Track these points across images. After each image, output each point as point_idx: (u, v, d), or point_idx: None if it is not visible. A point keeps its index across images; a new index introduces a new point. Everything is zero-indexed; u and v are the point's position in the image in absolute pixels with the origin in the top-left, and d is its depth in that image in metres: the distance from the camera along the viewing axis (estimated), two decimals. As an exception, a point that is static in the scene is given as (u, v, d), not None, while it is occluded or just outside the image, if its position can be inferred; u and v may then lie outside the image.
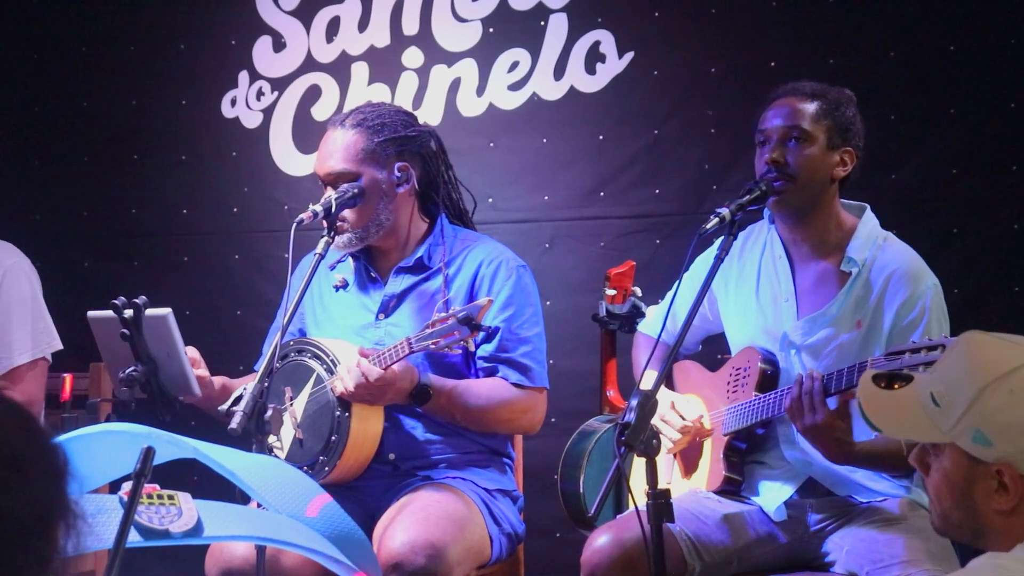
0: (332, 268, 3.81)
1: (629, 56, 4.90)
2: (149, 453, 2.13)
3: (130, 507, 2.11)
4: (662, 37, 4.88)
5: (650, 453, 2.89)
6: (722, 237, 3.24)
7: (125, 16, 5.48)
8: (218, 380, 3.62)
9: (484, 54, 5.06)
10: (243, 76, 5.33)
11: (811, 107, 3.38)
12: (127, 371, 3.26)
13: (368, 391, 3.44)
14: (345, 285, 3.80)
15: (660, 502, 2.87)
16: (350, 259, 3.81)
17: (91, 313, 3.40)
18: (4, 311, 4.14)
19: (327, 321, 3.78)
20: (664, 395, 3.50)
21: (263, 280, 5.25)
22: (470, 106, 5.07)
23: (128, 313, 3.24)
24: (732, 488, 3.45)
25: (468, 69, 5.07)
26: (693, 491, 3.49)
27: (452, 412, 3.59)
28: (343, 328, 3.73)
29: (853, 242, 3.38)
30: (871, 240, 3.39)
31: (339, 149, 3.65)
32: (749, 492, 3.46)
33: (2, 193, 5.51)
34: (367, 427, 3.55)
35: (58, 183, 5.53)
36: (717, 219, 3.19)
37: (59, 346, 4.22)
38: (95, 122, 5.51)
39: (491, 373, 3.65)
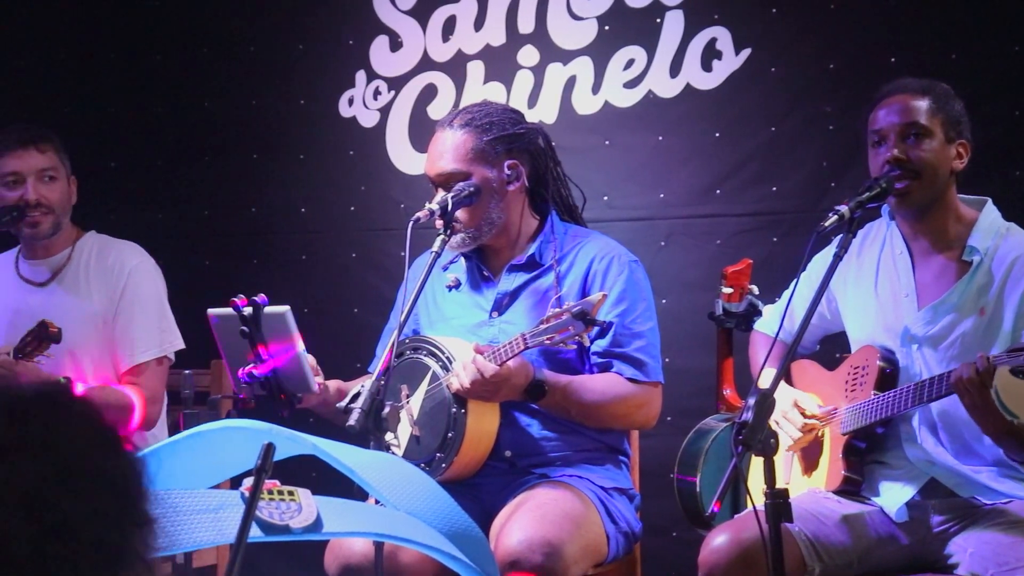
0: (445, 269, 3.83)
1: (746, 53, 4.86)
2: (270, 449, 2.15)
3: (251, 503, 2.13)
4: (780, 33, 4.84)
5: (767, 452, 2.86)
6: (841, 235, 3.21)
7: (245, 17, 5.54)
8: (333, 383, 3.64)
9: (600, 52, 5.05)
10: (360, 75, 5.37)
11: (924, 103, 3.35)
12: (247, 368, 3.30)
13: (484, 387, 3.45)
14: (458, 285, 3.81)
15: (778, 502, 2.84)
16: (462, 259, 3.83)
17: (211, 311, 3.45)
18: (128, 309, 4.21)
19: (441, 321, 3.80)
20: (786, 392, 3.47)
21: (379, 278, 5.28)
22: (585, 104, 5.06)
23: (247, 311, 3.27)
24: (852, 488, 3.40)
25: (583, 67, 5.06)
26: (812, 491, 3.46)
27: (567, 408, 3.59)
28: (457, 327, 3.74)
29: (974, 233, 3.34)
30: (993, 230, 3.35)
31: (449, 149, 3.66)
32: (869, 492, 3.41)
33: (127, 192, 5.60)
34: (483, 424, 3.56)
35: (180, 182, 5.61)
36: (836, 217, 3.15)
37: (181, 345, 4.28)
38: (216, 122, 5.58)
39: (605, 369, 3.65)
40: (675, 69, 4.94)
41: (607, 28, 5.04)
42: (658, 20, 4.96)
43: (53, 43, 5.75)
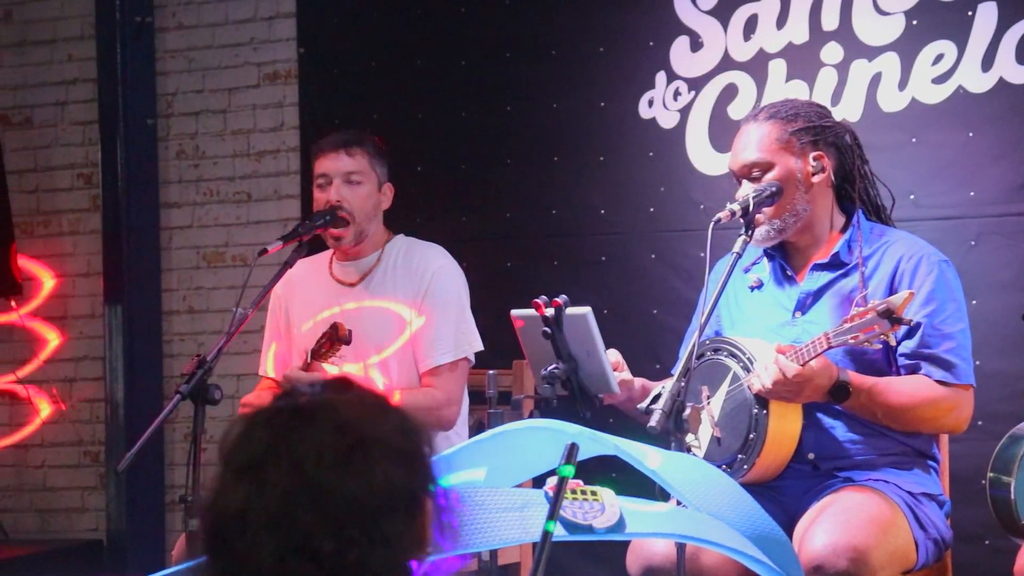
0: (747, 271, 3.79)
1: (1065, 44, 4.70)
2: (574, 449, 2.17)
3: (556, 502, 2.15)
4: (1102, 23, 4.65)
5: (1088, 459, 2.75)
6: None
7: (547, 21, 5.60)
8: (638, 381, 3.65)
9: (907, 47, 4.93)
10: (660, 77, 5.36)
11: None
12: (549, 368, 3.33)
13: (786, 388, 3.40)
14: (760, 285, 3.77)
15: (1100, 511, 2.73)
16: (765, 260, 3.79)
17: (514, 312, 3.50)
18: (429, 311, 4.28)
19: (743, 321, 3.76)
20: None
21: (679, 279, 5.27)
22: (891, 101, 4.95)
23: (549, 312, 3.31)
24: None
25: (890, 63, 4.95)
26: None
27: (873, 410, 3.51)
28: (759, 327, 3.70)
29: None
30: None
31: (753, 141, 3.64)
32: None
33: (432, 196, 5.73)
34: (785, 425, 3.51)
35: (483, 185, 5.71)
36: None
37: (480, 347, 4.33)
38: (517, 125, 5.66)
39: (913, 370, 3.55)
40: (987, 63, 4.79)
41: (915, 23, 4.92)
42: (969, 13, 4.82)
43: (364, 51, 5.93)
